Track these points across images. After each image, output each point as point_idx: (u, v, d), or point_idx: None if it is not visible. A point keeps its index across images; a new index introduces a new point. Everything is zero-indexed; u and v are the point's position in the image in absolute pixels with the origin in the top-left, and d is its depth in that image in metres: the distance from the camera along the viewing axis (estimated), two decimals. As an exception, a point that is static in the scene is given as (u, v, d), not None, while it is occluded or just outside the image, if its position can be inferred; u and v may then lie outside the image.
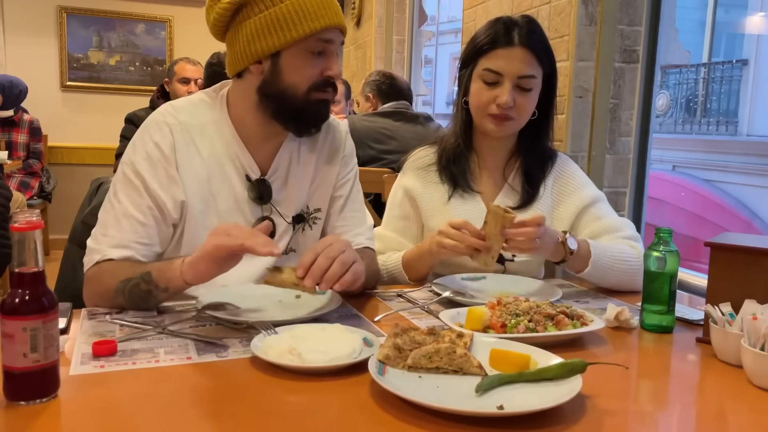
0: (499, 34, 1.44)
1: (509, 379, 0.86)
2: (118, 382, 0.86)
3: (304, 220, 1.39)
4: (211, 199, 1.28)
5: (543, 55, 1.45)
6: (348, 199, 1.43)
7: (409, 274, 1.47)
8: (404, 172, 1.62)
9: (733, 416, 0.87)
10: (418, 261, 1.44)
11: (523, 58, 1.42)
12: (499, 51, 1.43)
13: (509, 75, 1.43)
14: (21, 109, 4.87)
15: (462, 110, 1.54)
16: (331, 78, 1.25)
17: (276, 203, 1.34)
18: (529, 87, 1.44)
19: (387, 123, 2.83)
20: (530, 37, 1.43)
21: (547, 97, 1.51)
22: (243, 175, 1.31)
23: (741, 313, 0.99)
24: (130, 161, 1.25)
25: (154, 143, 1.25)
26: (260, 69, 1.23)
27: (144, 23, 5.66)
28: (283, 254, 1.37)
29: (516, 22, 1.45)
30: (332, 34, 1.23)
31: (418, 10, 4.61)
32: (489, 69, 1.44)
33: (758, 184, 8.32)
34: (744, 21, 9.80)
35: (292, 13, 1.18)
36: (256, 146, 1.32)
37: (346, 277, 1.10)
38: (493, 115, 1.45)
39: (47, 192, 4.95)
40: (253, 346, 0.94)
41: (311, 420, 0.78)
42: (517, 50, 1.42)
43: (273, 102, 1.25)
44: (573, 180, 1.58)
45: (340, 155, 1.43)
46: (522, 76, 1.43)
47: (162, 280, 1.13)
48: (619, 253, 1.40)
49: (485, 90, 1.45)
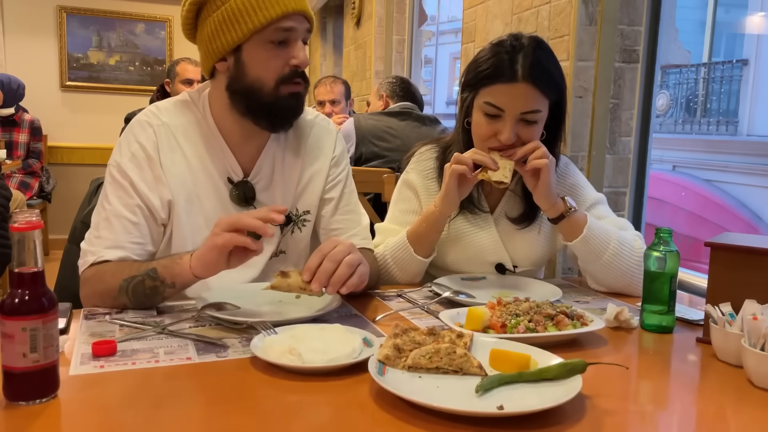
0: (502, 67, 1.33)
1: (509, 379, 0.86)
2: (118, 382, 0.86)
3: (292, 221, 1.38)
4: (196, 200, 1.29)
5: (549, 88, 1.35)
6: (340, 201, 1.42)
7: (417, 248, 1.40)
8: (409, 169, 1.59)
9: (733, 416, 0.86)
10: (426, 226, 1.39)
11: (527, 94, 1.32)
12: (502, 86, 1.33)
13: (511, 112, 1.33)
14: (21, 108, 4.87)
15: (464, 131, 1.46)
16: (298, 67, 1.22)
17: (260, 204, 1.33)
18: (533, 120, 1.35)
19: (392, 122, 2.84)
20: (534, 71, 1.32)
21: (555, 119, 1.43)
22: (225, 177, 1.31)
23: (741, 313, 0.99)
24: (117, 162, 1.26)
25: (138, 144, 1.25)
26: (226, 66, 1.23)
27: (144, 23, 5.66)
28: (273, 257, 1.37)
29: (520, 50, 1.33)
30: (293, 21, 1.20)
31: (418, 10, 4.61)
32: (490, 103, 1.34)
33: (758, 184, 8.32)
34: (744, 21, 9.80)
35: (246, 4, 1.17)
36: (239, 147, 1.31)
37: (352, 280, 1.09)
38: (494, 149, 1.37)
39: (47, 192, 4.95)
40: (253, 346, 0.94)
41: (311, 420, 0.78)
42: (521, 86, 1.32)
43: (242, 99, 1.24)
44: (573, 183, 1.57)
45: (330, 157, 1.41)
46: (525, 112, 1.33)
47: (168, 276, 1.13)
48: (617, 233, 1.38)
49: (486, 123, 1.36)
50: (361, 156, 2.79)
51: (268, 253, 1.35)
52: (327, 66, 6.34)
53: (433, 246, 1.44)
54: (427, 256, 1.43)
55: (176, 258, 1.15)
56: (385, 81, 3.23)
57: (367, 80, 4.74)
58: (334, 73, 5.68)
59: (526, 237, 1.50)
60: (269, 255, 1.35)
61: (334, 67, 6.13)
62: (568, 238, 1.39)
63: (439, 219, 1.39)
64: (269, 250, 1.35)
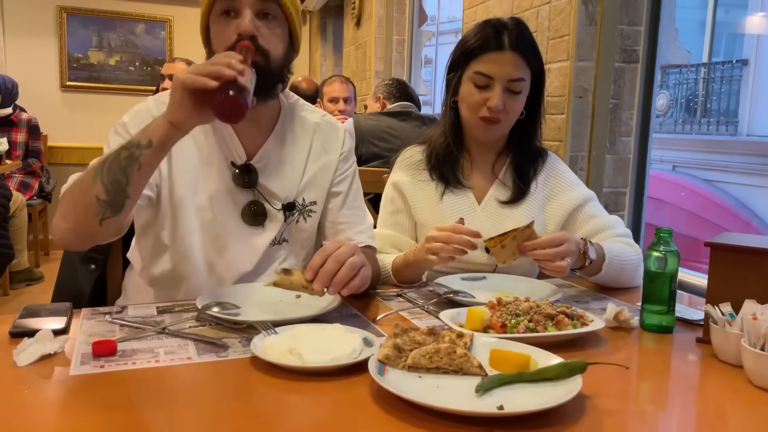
0: (490, 38, 1.45)
1: (509, 379, 0.86)
2: (118, 382, 0.86)
3: (297, 209, 1.38)
4: (201, 180, 1.30)
5: (532, 58, 1.47)
6: (348, 196, 1.43)
7: (398, 279, 1.46)
8: (394, 170, 1.65)
9: (733, 416, 0.86)
10: (405, 269, 1.44)
11: (514, 61, 1.44)
12: (490, 55, 1.45)
13: (500, 78, 1.44)
14: (18, 107, 4.87)
15: (450, 110, 1.56)
16: (241, 35, 1.19)
17: (263, 189, 1.34)
18: (518, 90, 1.47)
19: (392, 122, 2.85)
20: (520, 41, 1.45)
21: (534, 97, 1.53)
22: (229, 160, 1.32)
23: (741, 313, 0.99)
24: (123, 122, 1.28)
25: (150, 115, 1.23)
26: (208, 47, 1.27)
27: (144, 23, 5.66)
28: (276, 244, 1.37)
29: (505, 25, 1.46)
30: None
31: (418, 10, 4.61)
32: (480, 72, 1.46)
33: (758, 184, 8.32)
34: (744, 21, 9.80)
35: None
36: (244, 131, 1.32)
37: (354, 282, 1.09)
38: (483, 118, 1.48)
39: (47, 192, 4.95)
40: (253, 346, 0.94)
41: (311, 420, 0.78)
42: (508, 54, 1.44)
43: None
44: (563, 179, 1.60)
45: (339, 151, 1.43)
46: (512, 79, 1.45)
47: (144, 137, 1.06)
48: (622, 252, 1.41)
49: (476, 93, 1.47)
50: (361, 156, 2.79)
51: (269, 238, 1.35)
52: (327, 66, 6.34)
53: (414, 279, 1.47)
54: (410, 283, 1.46)
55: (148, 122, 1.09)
56: (381, 84, 3.26)
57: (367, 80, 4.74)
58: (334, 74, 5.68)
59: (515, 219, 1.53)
60: (270, 240, 1.35)
61: (334, 67, 6.13)
62: (586, 276, 1.43)
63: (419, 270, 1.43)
64: (271, 235, 1.35)
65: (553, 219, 1.56)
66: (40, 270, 4.61)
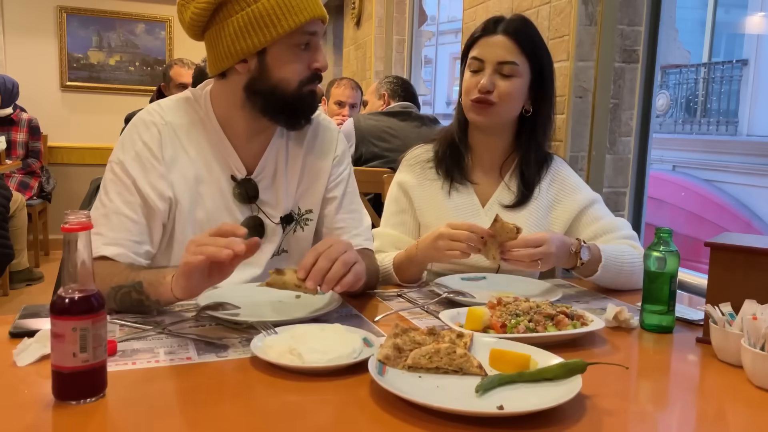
0: (487, 26, 1.51)
1: (509, 379, 0.86)
2: (118, 382, 0.85)
3: (294, 220, 1.38)
4: (199, 198, 1.29)
5: (526, 45, 1.48)
6: (343, 200, 1.42)
7: (399, 277, 1.46)
8: (399, 169, 1.65)
9: (733, 416, 0.87)
10: (408, 265, 1.43)
11: (503, 44, 1.47)
12: (483, 40, 1.50)
13: (490, 61, 1.47)
14: (19, 107, 4.87)
15: (459, 106, 1.57)
16: (319, 70, 1.26)
17: (262, 203, 1.34)
18: (509, 73, 1.47)
19: (392, 122, 2.84)
20: (513, 27, 1.48)
21: (540, 94, 1.52)
22: (229, 175, 1.31)
23: (741, 313, 0.99)
24: (119, 160, 1.25)
25: (143, 142, 1.25)
26: (246, 68, 1.23)
27: (144, 23, 5.66)
28: (276, 255, 1.37)
29: (504, 17, 1.51)
30: (316, 26, 1.23)
31: (418, 10, 4.61)
32: (473, 57, 1.50)
33: (758, 184, 8.32)
34: (744, 21, 9.80)
35: (275, 8, 1.17)
36: (243, 145, 1.31)
37: (347, 278, 1.09)
38: (474, 99, 1.49)
39: (47, 192, 4.95)
40: (253, 346, 0.94)
41: (311, 420, 0.78)
42: (499, 37, 1.48)
43: (262, 99, 1.25)
44: (568, 182, 1.59)
45: (332, 156, 1.42)
46: (502, 62, 1.47)
47: (153, 293, 1.11)
48: (622, 254, 1.41)
49: (470, 77, 1.51)
50: (361, 156, 2.79)
51: (270, 252, 1.35)
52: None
53: (415, 277, 1.46)
54: (412, 282, 1.46)
55: (160, 276, 1.11)
56: (384, 80, 3.23)
57: (367, 80, 4.74)
58: (334, 74, 5.68)
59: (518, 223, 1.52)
60: (271, 254, 1.35)
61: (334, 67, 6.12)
62: (582, 276, 1.42)
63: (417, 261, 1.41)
64: (271, 248, 1.35)
65: (558, 222, 1.56)
66: (40, 270, 4.61)
